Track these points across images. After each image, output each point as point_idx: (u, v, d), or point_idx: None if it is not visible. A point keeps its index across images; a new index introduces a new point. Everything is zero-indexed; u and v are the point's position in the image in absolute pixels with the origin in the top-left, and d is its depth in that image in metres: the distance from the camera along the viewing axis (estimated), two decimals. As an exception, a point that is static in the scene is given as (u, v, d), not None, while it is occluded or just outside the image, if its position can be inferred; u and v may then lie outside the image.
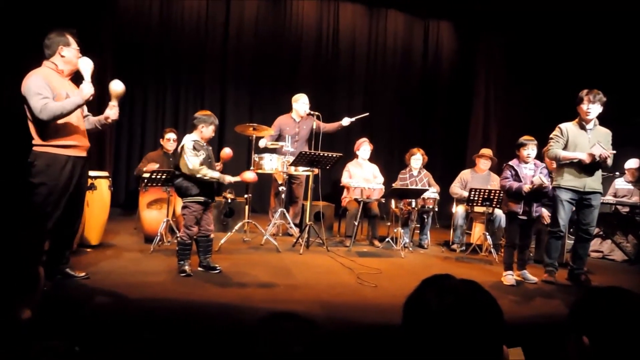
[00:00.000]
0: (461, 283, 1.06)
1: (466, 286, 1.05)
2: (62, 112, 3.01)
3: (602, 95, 4.08)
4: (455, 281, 1.07)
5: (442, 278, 1.09)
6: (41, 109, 2.95)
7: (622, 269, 5.25)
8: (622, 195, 5.85)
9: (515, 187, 4.07)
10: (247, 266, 4.13)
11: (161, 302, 3.01)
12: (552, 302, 3.62)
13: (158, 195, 4.91)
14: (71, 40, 3.19)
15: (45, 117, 2.96)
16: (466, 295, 1.02)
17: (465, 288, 1.04)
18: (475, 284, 1.06)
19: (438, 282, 1.08)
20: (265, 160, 5.11)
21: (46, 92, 3.00)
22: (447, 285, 1.05)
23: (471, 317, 0.99)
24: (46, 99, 2.98)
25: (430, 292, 1.05)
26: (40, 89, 2.98)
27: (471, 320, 0.98)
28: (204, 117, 3.90)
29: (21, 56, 3.72)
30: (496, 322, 1.01)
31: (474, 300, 1.01)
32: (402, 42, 8.12)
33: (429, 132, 8.04)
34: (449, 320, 0.98)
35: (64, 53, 3.15)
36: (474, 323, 0.98)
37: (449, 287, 1.04)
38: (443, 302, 1.00)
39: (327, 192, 6.23)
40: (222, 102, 7.32)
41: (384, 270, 4.32)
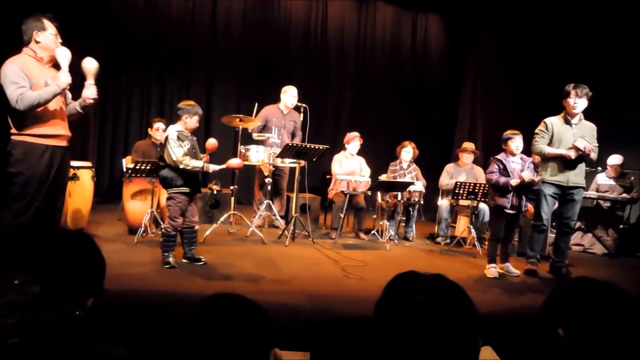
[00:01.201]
0: (430, 278, 1.05)
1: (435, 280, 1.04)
2: (40, 102, 2.95)
3: (588, 89, 4.12)
4: (424, 277, 1.06)
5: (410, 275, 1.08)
6: (17, 99, 2.88)
7: (602, 262, 5.35)
8: (604, 190, 5.95)
9: (502, 182, 4.10)
10: (233, 258, 4.11)
11: (146, 294, 2.98)
12: (533, 295, 3.67)
13: (142, 186, 4.85)
14: (47, 25, 3.08)
15: (21, 107, 2.89)
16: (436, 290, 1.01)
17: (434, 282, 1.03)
18: (444, 278, 1.05)
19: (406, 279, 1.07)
20: (252, 151, 5.09)
21: (23, 82, 2.93)
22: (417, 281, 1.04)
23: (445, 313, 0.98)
24: (22, 88, 2.91)
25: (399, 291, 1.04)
26: (16, 78, 2.91)
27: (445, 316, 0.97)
28: (187, 108, 3.86)
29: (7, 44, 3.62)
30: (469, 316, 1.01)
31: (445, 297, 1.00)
32: (390, 34, 8.12)
33: (417, 125, 8.06)
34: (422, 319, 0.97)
35: (39, 38, 3.06)
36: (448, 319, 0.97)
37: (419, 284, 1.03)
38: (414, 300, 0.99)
39: (313, 184, 6.23)
40: (208, 93, 7.24)
41: (369, 262, 4.34)
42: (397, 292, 1.04)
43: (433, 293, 1.00)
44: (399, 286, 1.05)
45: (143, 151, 5.35)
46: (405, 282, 1.05)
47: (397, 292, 1.04)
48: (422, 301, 0.98)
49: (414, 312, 0.97)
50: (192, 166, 3.72)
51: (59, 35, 3.13)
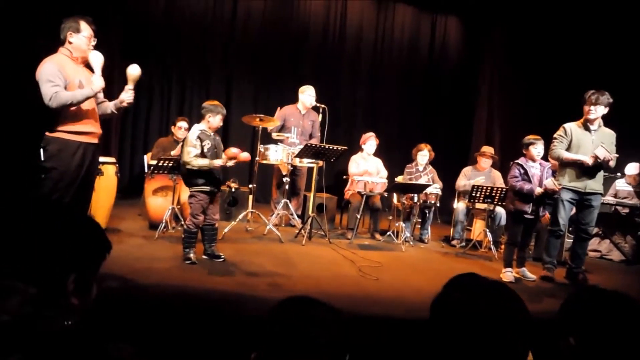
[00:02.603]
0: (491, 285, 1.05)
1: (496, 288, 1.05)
2: (72, 102, 3.06)
3: (608, 96, 4.10)
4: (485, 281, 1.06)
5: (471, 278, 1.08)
6: (51, 97, 2.99)
7: (619, 269, 5.32)
8: (623, 196, 5.90)
9: (526, 189, 4.10)
10: (251, 255, 4.19)
11: (167, 288, 3.07)
12: (549, 300, 3.68)
13: (164, 183, 4.96)
14: (83, 27, 3.19)
15: (54, 105, 3.00)
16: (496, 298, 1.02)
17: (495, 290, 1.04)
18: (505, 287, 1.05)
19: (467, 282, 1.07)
20: (271, 151, 5.16)
21: (58, 80, 3.04)
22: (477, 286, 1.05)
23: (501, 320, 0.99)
24: (57, 87, 3.02)
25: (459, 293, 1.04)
26: (51, 77, 3.02)
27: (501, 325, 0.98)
28: (211, 107, 3.95)
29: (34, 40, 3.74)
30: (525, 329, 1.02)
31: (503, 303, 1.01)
32: (409, 36, 8.12)
33: (433, 127, 8.06)
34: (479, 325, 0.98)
35: (72, 39, 3.16)
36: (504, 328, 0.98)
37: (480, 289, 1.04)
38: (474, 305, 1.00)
39: (329, 184, 6.28)
40: (227, 92, 7.33)
41: (385, 263, 4.38)
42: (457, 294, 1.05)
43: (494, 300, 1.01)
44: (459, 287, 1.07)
45: (164, 148, 5.46)
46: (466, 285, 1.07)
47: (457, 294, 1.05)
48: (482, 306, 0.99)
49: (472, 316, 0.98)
50: (198, 166, 3.80)
51: (93, 39, 3.23)
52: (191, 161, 3.81)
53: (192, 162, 3.81)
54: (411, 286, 3.73)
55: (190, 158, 3.80)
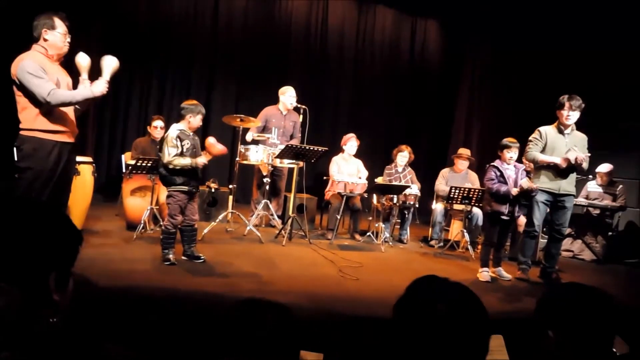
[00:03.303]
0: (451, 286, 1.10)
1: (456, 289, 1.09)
2: (71, 101, 3.02)
3: (581, 102, 4.24)
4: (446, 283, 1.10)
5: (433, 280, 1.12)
6: (50, 93, 2.92)
7: (591, 268, 5.48)
8: (594, 197, 6.08)
9: (503, 191, 4.20)
10: (231, 256, 4.18)
11: (147, 290, 3.04)
12: (524, 299, 3.77)
13: (142, 183, 4.90)
14: (58, 24, 3.12)
15: (53, 102, 2.95)
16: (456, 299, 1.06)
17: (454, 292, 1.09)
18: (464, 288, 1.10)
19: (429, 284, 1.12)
20: (251, 151, 5.15)
21: (46, 76, 2.98)
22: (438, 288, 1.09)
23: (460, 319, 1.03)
24: (50, 82, 2.96)
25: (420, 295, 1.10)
26: (39, 73, 2.95)
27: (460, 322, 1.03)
28: (191, 107, 3.93)
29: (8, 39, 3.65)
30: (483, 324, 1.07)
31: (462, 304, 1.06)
32: (389, 38, 8.21)
33: (413, 129, 8.16)
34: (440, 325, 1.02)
35: (47, 36, 3.09)
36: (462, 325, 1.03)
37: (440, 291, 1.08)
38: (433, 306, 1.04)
39: (310, 184, 6.30)
40: (208, 92, 7.28)
41: (365, 264, 4.42)
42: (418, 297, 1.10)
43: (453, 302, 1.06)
44: (420, 290, 1.11)
45: (142, 148, 5.40)
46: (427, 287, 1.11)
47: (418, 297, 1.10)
48: (442, 309, 1.03)
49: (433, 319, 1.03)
50: (180, 165, 3.77)
51: (68, 35, 3.17)
52: (173, 160, 3.77)
53: (174, 162, 3.77)
54: (391, 286, 3.77)
55: (172, 158, 3.77)
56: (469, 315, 1.05)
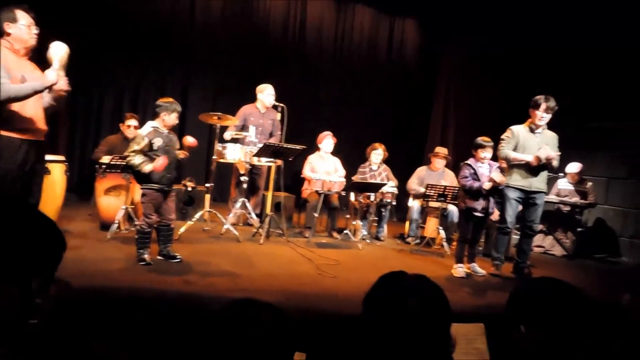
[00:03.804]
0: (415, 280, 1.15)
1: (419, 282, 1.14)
2: (17, 96, 2.89)
3: (555, 103, 4.35)
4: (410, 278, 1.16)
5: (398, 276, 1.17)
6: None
7: (561, 263, 5.64)
8: (564, 195, 6.25)
9: (475, 187, 4.29)
10: (208, 255, 4.15)
11: (122, 291, 3.00)
12: (498, 294, 3.86)
13: (116, 182, 4.81)
14: (20, 16, 2.99)
15: None
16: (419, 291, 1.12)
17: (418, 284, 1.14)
18: (427, 280, 1.15)
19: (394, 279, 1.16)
20: (229, 149, 5.12)
21: (3, 72, 2.88)
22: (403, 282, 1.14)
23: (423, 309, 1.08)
24: (3, 78, 2.86)
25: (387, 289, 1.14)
26: None
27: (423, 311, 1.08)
28: (166, 105, 3.88)
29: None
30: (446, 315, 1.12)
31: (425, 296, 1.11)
32: (368, 36, 8.24)
33: (391, 127, 8.22)
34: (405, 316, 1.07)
35: (10, 30, 2.98)
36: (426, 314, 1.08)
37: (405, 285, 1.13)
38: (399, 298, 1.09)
39: (287, 183, 6.30)
40: (184, 90, 7.19)
41: (343, 261, 4.45)
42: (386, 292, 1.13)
43: (420, 296, 1.10)
44: (388, 286, 1.14)
45: (112, 146, 5.30)
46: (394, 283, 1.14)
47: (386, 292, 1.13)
48: (411, 304, 1.08)
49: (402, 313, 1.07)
50: (131, 163, 3.74)
51: (34, 26, 3.06)
52: (129, 158, 3.74)
53: (129, 158, 3.74)
54: (368, 283, 3.76)
55: (129, 153, 3.73)
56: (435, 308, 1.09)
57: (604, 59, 6.23)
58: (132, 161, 3.73)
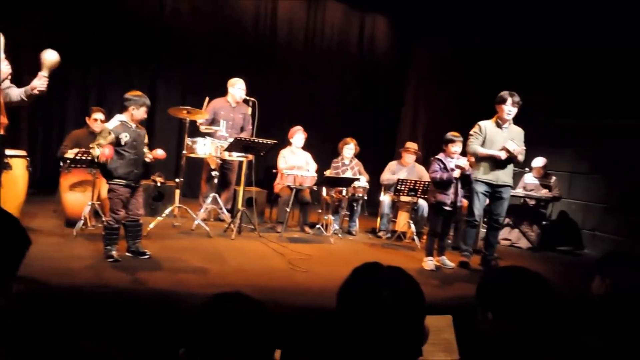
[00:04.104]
0: (390, 271, 1.17)
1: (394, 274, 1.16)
2: None
3: (519, 98, 4.47)
4: (385, 270, 1.17)
5: (373, 267, 1.18)
6: None
7: (527, 255, 5.81)
8: (530, 189, 6.44)
9: (446, 177, 4.36)
10: (178, 251, 4.09)
11: (89, 289, 2.93)
12: (466, 285, 3.95)
13: (82, 177, 4.68)
14: None
15: None
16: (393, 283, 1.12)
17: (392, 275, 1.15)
18: (402, 272, 1.17)
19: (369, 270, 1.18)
20: (199, 144, 5.04)
21: None
22: (378, 273, 1.15)
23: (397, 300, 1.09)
24: None
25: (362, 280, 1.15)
26: None
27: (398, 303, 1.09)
28: (135, 98, 3.80)
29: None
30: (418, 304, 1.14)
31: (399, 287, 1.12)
32: (339, 32, 8.25)
33: (362, 123, 8.25)
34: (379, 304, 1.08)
35: None
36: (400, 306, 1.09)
37: (379, 276, 1.14)
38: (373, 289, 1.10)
39: (259, 178, 6.26)
40: (152, 83, 7.04)
41: (315, 255, 4.47)
42: (361, 283, 1.13)
43: (395, 287, 1.11)
44: (363, 277, 1.15)
45: (78, 140, 5.14)
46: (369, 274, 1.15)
47: (361, 283, 1.13)
48: (386, 295, 1.09)
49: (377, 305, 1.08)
50: (92, 155, 3.66)
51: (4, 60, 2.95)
52: (91, 148, 3.65)
53: (92, 150, 3.65)
54: (340, 277, 3.77)
55: (94, 145, 3.64)
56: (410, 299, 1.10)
57: (573, 56, 6.40)
58: (92, 152, 3.64)
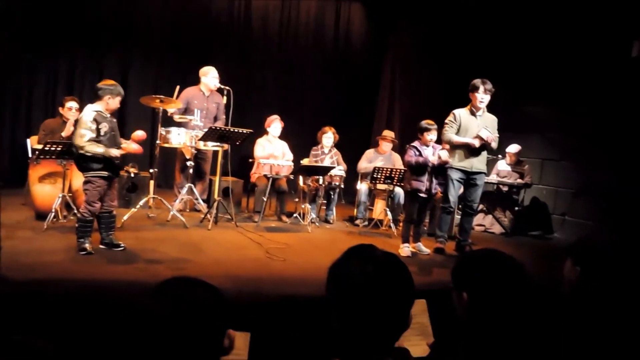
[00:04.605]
0: (382, 254, 1.18)
1: (386, 257, 1.18)
2: None
3: (492, 85, 4.54)
4: (377, 252, 1.19)
5: (366, 248, 1.20)
6: None
7: (500, 240, 5.94)
8: (503, 176, 6.57)
9: (421, 160, 4.40)
10: (154, 243, 4.04)
11: (62, 283, 2.87)
12: (442, 270, 4.03)
13: (51, 169, 4.56)
14: None
15: None
16: (385, 265, 1.14)
17: (385, 259, 1.17)
18: (394, 256, 1.18)
19: (362, 251, 1.19)
20: (173, 134, 4.97)
21: None
22: (370, 255, 1.17)
23: (387, 284, 1.11)
24: None
25: (354, 260, 1.17)
26: None
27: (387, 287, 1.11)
28: (110, 88, 3.72)
29: None
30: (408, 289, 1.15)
31: (391, 270, 1.14)
32: (314, 20, 8.17)
33: (339, 111, 8.25)
34: (368, 286, 1.10)
35: None
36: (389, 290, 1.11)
37: (371, 257, 1.16)
38: (364, 270, 1.12)
39: (235, 167, 6.21)
40: (124, 71, 6.88)
41: (292, 244, 4.47)
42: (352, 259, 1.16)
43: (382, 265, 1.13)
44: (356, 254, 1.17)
45: (52, 130, 5.00)
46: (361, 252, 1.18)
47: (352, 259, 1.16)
48: (370, 272, 1.11)
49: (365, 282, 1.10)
50: (92, 152, 3.58)
51: None
52: (85, 146, 3.56)
53: (87, 148, 3.56)
54: (317, 265, 3.85)
55: (84, 142, 3.55)
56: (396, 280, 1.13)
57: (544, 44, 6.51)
58: (94, 150, 3.56)
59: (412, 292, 1.16)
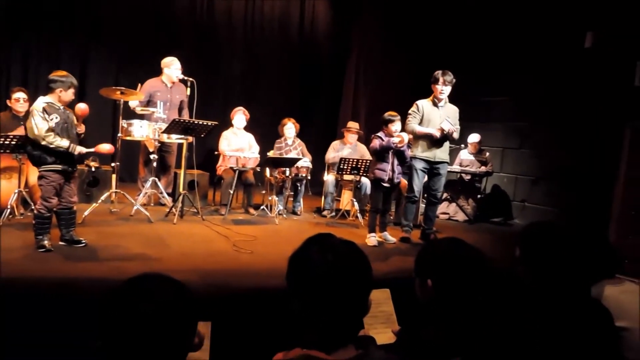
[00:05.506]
0: (341, 242, 1.22)
1: (345, 245, 1.21)
2: None
3: (453, 77, 4.64)
4: (336, 240, 1.22)
5: (325, 237, 1.23)
6: None
7: (463, 227, 6.11)
8: (466, 165, 6.74)
9: (385, 143, 4.43)
10: (117, 238, 3.96)
11: (19, 281, 2.77)
12: (407, 259, 4.11)
13: (7, 163, 4.39)
14: None
15: None
16: (344, 253, 1.18)
17: (343, 247, 1.20)
18: (352, 244, 1.22)
19: (321, 240, 1.22)
20: (135, 126, 4.85)
21: None
22: (329, 243, 1.20)
23: (346, 271, 1.15)
24: None
25: (313, 248, 1.19)
26: None
27: (346, 274, 1.14)
28: (62, 79, 3.59)
29: None
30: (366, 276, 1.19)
31: (349, 258, 1.18)
32: (279, 12, 8.08)
33: (305, 103, 8.24)
34: (328, 273, 1.13)
35: None
36: (348, 276, 1.14)
37: (330, 245, 1.18)
38: (324, 258, 1.14)
39: (201, 160, 6.12)
40: (82, 62, 6.64)
41: (260, 236, 4.46)
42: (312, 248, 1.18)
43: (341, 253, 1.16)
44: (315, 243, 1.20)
45: (3, 125, 4.79)
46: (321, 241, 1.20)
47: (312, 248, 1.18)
48: (330, 259, 1.14)
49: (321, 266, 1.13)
50: (55, 145, 3.46)
51: None
52: (47, 137, 3.42)
53: (50, 139, 3.43)
54: (285, 257, 3.82)
55: (45, 133, 3.42)
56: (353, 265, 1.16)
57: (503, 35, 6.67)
58: (57, 143, 3.45)
59: (371, 278, 1.19)
